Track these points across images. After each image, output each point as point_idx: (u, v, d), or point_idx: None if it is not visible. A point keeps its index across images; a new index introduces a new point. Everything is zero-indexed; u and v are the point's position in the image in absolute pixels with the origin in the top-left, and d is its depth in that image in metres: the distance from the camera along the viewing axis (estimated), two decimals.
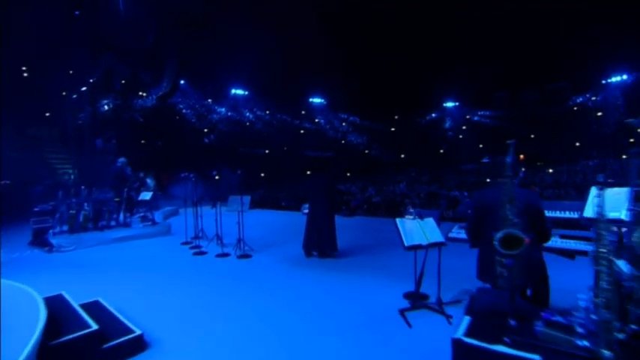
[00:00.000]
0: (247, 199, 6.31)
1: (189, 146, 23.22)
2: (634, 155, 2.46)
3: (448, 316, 3.71)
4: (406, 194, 17.02)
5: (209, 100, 29.89)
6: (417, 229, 3.84)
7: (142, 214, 8.71)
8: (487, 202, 2.90)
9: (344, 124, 42.15)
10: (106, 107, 18.27)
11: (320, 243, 6.10)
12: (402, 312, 3.80)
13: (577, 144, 28.31)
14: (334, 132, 39.78)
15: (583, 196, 3.42)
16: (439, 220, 10.16)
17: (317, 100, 44.22)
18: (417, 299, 4.11)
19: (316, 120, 41.38)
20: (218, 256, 6.42)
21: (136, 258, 6.55)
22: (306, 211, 12.67)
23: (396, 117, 44.02)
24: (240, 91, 33.55)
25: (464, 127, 38.03)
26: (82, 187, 8.15)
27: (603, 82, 32.53)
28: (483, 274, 2.91)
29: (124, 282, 5.09)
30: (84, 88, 17.18)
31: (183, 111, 25.74)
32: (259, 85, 32.60)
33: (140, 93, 20.39)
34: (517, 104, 37.74)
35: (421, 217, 4.16)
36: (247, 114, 32.87)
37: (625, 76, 31.37)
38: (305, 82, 36.40)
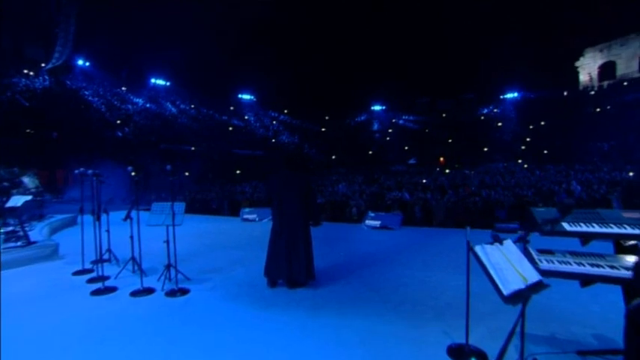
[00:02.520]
0: (180, 207, 3.99)
1: (97, 139, 18.88)
2: None
3: None
4: (348, 195, 15.83)
5: (123, 89, 25.20)
6: (504, 262, 2.27)
7: (9, 229, 5.66)
8: None
9: (274, 122, 40.03)
10: None
11: (290, 268, 4.21)
12: None
13: (485, 149, 30.85)
14: (265, 130, 37.43)
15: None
16: (402, 225, 9.06)
17: (246, 97, 41.28)
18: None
19: (246, 117, 38.52)
20: (135, 294, 4.09)
21: None
22: (255, 217, 10.81)
23: (327, 117, 43.48)
24: (161, 82, 29.27)
25: (390, 130, 39.09)
26: None
27: (501, 97, 36.34)
28: None
29: None
30: None
31: (90, 98, 21.00)
32: (183, 76, 28.94)
33: (26, 71, 15.66)
34: (435, 110, 40.16)
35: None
36: (169, 107, 28.73)
37: (516, 94, 35.48)
38: (234, 77, 33.50)
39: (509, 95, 34.56)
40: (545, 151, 25.22)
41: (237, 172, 23.56)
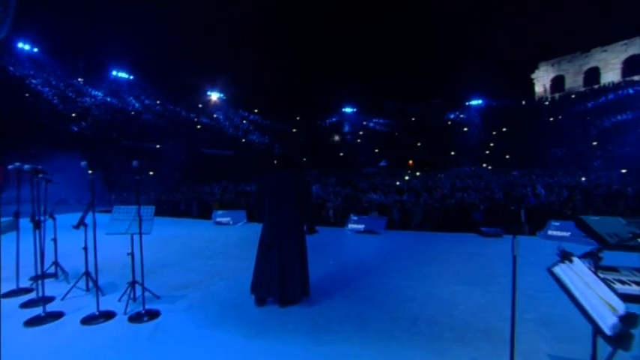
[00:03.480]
0: (149, 212, 3.16)
1: (48, 133, 16.87)
2: None
3: None
4: (323, 197, 15.29)
5: (79, 80, 22.98)
6: (583, 285, 1.75)
7: None
8: None
9: (244, 121, 38.66)
10: None
11: (282, 285, 3.54)
12: None
13: (452, 153, 31.70)
14: (234, 129, 36.00)
15: None
16: (386, 229, 8.61)
17: (216, 95, 39.58)
18: None
19: (214, 115, 36.86)
20: (88, 320, 3.22)
21: None
22: (229, 220, 9.86)
23: (298, 118, 42.77)
24: (123, 75, 27.19)
25: (361, 133, 39.12)
26: None
27: (467, 103, 37.68)
28: None
29: None
30: None
31: (39, 88, 18.79)
32: (149, 70, 27.15)
33: None
34: (404, 115, 40.81)
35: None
36: (132, 101, 26.66)
37: (480, 101, 36.99)
38: (203, 74, 31.97)
39: (474, 102, 35.88)
40: (508, 156, 26.25)
41: (206, 172, 22.27)
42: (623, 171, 19.49)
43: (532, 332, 3.02)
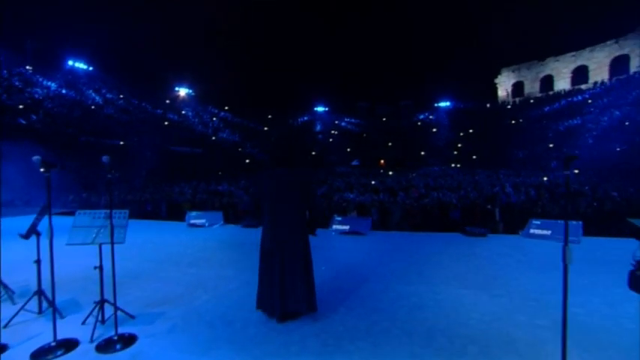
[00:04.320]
0: (123, 215, 2.54)
1: None
2: None
3: None
4: None
5: (28, 68, 20.78)
6: None
7: None
8: None
9: (215, 119, 37.15)
10: None
11: (284, 296, 3.07)
12: None
13: (422, 153, 32.35)
14: (204, 127, 34.44)
15: None
16: (371, 230, 8.32)
17: (184, 91, 37.67)
18: None
19: (183, 112, 35.06)
20: (40, 354, 2.56)
21: None
22: (204, 222, 9.03)
23: (270, 116, 41.80)
24: (81, 65, 25.06)
25: (333, 132, 38.94)
26: None
27: (436, 105, 38.72)
28: None
29: None
30: None
31: None
32: (110, 61, 25.21)
33: None
34: (375, 115, 41.19)
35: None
36: (92, 95, 24.57)
37: (448, 103, 38.18)
38: (171, 69, 30.32)
39: (442, 104, 36.90)
40: (475, 157, 27.17)
41: (175, 170, 20.98)
42: (576, 171, 20.79)
43: (552, 341, 2.75)
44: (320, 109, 40.28)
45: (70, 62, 24.29)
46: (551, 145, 25.81)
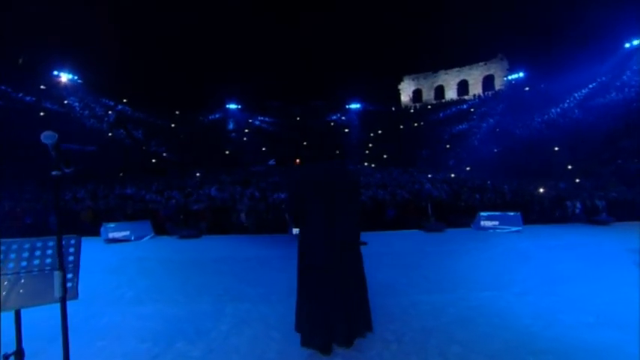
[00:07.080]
0: (74, 242, 1.89)
1: None
2: None
3: None
4: (227, 199, 13.89)
5: None
6: None
7: None
8: None
9: (110, 112, 32.08)
10: None
11: (349, 319, 2.54)
12: None
13: (337, 152, 33.55)
14: (97, 121, 29.42)
15: None
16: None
17: (66, 76, 31.47)
18: None
19: (65, 102, 29.31)
20: None
21: None
22: (128, 235, 7.22)
23: (177, 112, 38.09)
24: None
25: (247, 131, 37.54)
26: None
27: (347, 107, 40.85)
28: None
29: None
30: None
31: None
32: None
33: None
34: (288, 114, 41.25)
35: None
36: None
37: (359, 105, 40.71)
38: (45, 48, 25.06)
39: (353, 106, 39.04)
40: (385, 156, 29.56)
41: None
42: (468, 169, 24.48)
43: (621, 341, 2.68)
44: (232, 106, 38.54)
45: None
46: (447, 146, 29.76)
